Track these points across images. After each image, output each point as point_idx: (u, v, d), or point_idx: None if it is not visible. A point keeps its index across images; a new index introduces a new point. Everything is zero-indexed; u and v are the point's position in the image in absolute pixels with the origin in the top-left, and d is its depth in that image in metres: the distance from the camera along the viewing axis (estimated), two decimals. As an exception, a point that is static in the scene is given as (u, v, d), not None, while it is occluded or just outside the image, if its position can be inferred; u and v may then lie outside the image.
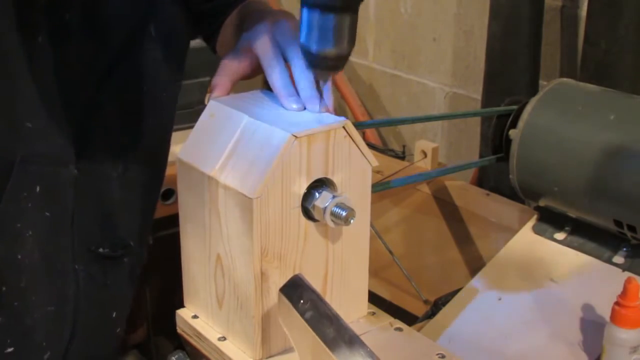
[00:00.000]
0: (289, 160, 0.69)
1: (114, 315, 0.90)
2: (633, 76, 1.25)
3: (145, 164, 0.90)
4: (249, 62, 0.81)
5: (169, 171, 1.40)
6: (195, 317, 0.81)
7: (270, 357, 0.74)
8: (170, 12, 0.87)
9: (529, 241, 0.99)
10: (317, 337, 0.63)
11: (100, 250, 0.86)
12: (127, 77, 0.83)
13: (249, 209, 0.68)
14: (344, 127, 0.73)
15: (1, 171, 0.76)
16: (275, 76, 0.77)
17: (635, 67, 1.25)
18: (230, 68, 0.81)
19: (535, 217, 1.01)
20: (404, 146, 1.52)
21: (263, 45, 0.78)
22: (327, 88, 0.76)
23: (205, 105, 0.78)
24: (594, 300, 0.89)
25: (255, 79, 0.85)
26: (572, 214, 0.95)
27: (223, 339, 0.77)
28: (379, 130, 1.88)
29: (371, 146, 1.36)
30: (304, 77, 0.76)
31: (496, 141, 1.02)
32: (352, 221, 0.72)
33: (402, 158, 1.49)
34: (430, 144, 1.38)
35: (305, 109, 0.76)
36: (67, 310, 0.84)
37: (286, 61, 0.78)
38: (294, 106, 0.76)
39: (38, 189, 0.78)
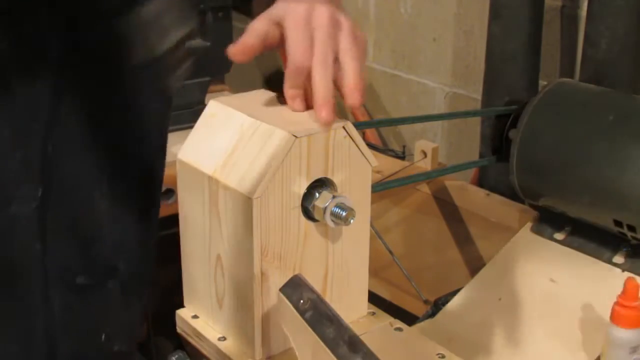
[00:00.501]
0: (289, 160, 0.69)
1: (102, 338, 0.79)
2: (633, 76, 1.25)
3: (138, 172, 0.79)
4: (278, 35, 0.73)
5: (169, 171, 1.41)
6: (195, 317, 0.81)
7: (270, 357, 0.74)
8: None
9: (529, 241, 0.99)
10: (317, 337, 0.63)
11: (77, 279, 0.74)
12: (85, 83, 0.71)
13: (249, 209, 0.68)
14: (344, 127, 0.73)
15: None
16: (291, 70, 0.71)
17: (635, 67, 1.25)
18: (260, 33, 0.73)
19: (535, 217, 1.01)
20: (404, 146, 1.52)
21: (294, 28, 0.70)
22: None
23: (205, 105, 0.78)
24: (594, 300, 0.89)
25: (255, 78, 0.84)
26: (572, 214, 0.95)
27: (223, 339, 0.77)
28: (379, 130, 1.88)
29: (371, 146, 1.36)
30: (322, 78, 0.70)
31: (496, 141, 1.02)
32: (352, 221, 0.72)
33: (402, 158, 1.49)
34: (430, 144, 1.38)
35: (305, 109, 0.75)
36: (37, 345, 0.74)
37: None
38: (297, 108, 0.73)
39: None
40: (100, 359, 0.80)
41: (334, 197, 0.71)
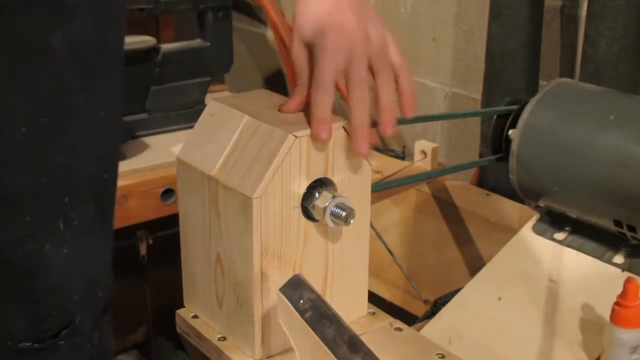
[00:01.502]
0: (289, 160, 0.69)
1: None
2: (633, 76, 1.25)
3: (93, 205, 0.67)
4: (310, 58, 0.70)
5: (169, 171, 1.41)
6: (195, 317, 0.81)
7: (270, 357, 0.74)
8: None
9: (529, 241, 0.99)
10: (317, 337, 0.63)
11: (21, 345, 0.63)
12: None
13: (249, 209, 0.68)
14: (343, 127, 0.73)
15: None
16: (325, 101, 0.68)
17: (635, 67, 1.25)
18: (306, 79, 0.71)
19: (535, 217, 1.01)
20: (404, 146, 1.52)
21: (330, 52, 0.68)
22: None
23: (205, 105, 0.78)
24: (594, 300, 0.89)
25: (255, 78, 0.84)
26: (572, 214, 0.95)
27: (223, 339, 0.77)
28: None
29: (371, 146, 1.36)
30: (359, 103, 0.69)
31: (496, 141, 1.02)
32: (351, 221, 0.72)
33: (402, 158, 1.49)
34: (430, 144, 1.38)
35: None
36: None
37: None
38: (323, 136, 0.70)
39: None
40: None
41: (333, 197, 0.71)
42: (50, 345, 0.65)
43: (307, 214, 0.73)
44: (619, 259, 0.92)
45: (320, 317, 0.64)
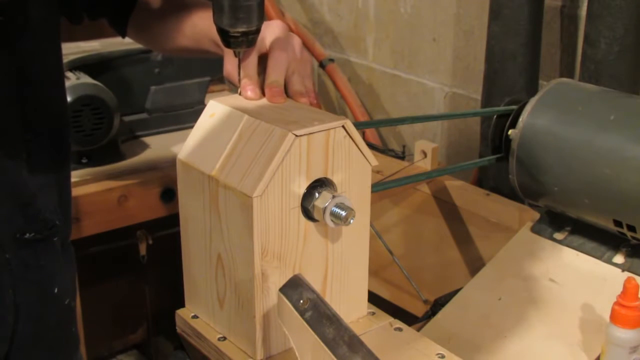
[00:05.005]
0: (288, 159, 0.69)
1: (55, 290, 0.92)
2: (633, 76, 1.25)
3: (48, 140, 0.90)
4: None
5: (169, 171, 1.41)
6: (195, 317, 0.81)
7: (270, 357, 0.74)
8: None
9: (528, 241, 0.99)
10: (316, 337, 0.63)
11: (27, 235, 0.87)
12: None
13: (249, 208, 0.68)
14: (343, 127, 0.73)
15: None
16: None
17: (635, 67, 1.25)
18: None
19: (535, 217, 1.01)
20: (403, 146, 1.52)
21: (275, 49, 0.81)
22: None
23: (205, 105, 0.78)
24: (594, 300, 0.89)
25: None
26: (572, 214, 0.95)
27: (223, 339, 0.77)
28: (378, 130, 1.88)
29: (371, 146, 1.36)
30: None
31: (496, 141, 1.02)
32: (351, 221, 0.72)
33: (402, 158, 1.49)
34: (430, 144, 1.38)
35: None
36: (5, 297, 0.86)
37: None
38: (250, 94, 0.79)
39: None
40: (53, 309, 0.93)
41: (333, 197, 0.71)
42: (47, 237, 0.89)
43: (307, 214, 0.73)
44: (619, 259, 0.92)
45: (320, 317, 0.64)
